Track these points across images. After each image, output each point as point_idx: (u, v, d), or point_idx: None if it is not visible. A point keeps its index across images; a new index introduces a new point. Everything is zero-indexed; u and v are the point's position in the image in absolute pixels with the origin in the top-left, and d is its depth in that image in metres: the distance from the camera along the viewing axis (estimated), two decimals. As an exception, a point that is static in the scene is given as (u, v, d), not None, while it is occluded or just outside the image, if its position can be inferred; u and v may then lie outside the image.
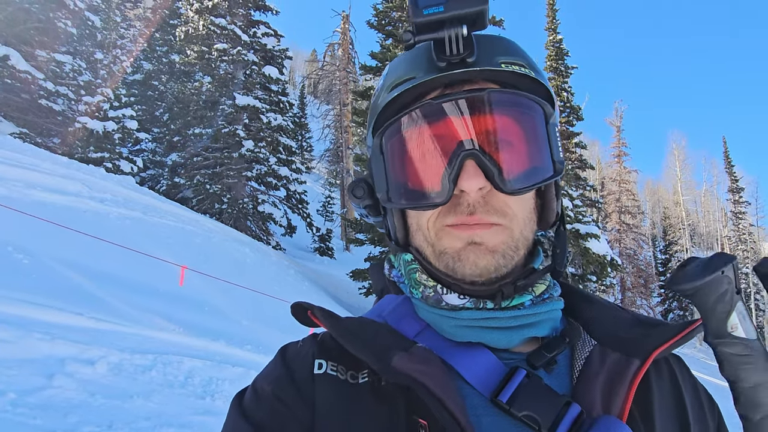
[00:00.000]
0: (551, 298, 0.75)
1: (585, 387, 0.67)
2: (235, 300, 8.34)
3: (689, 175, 45.11)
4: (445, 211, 0.71)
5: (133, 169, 18.29)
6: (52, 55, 17.41)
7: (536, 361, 0.69)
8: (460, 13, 0.66)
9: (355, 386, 0.68)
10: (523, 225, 0.72)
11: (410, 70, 0.72)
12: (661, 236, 47.66)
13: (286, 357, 0.74)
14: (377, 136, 0.76)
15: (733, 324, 0.57)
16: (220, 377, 5.04)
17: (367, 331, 0.71)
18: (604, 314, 0.77)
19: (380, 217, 0.84)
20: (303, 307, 0.75)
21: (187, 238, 10.71)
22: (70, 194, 9.30)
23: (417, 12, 0.67)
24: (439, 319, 0.73)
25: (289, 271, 14.04)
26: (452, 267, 0.71)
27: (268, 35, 20.93)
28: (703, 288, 0.57)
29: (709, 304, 0.57)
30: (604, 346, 0.71)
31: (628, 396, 0.64)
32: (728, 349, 0.57)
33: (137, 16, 29.59)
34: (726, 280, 0.57)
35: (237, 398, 0.72)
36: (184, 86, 21.13)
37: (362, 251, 17.15)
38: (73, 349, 4.45)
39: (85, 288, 6.02)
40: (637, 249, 34.60)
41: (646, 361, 0.66)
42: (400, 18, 16.00)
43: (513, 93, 0.71)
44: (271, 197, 20.66)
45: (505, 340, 0.70)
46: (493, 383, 0.66)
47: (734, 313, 0.57)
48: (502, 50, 0.72)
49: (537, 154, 0.72)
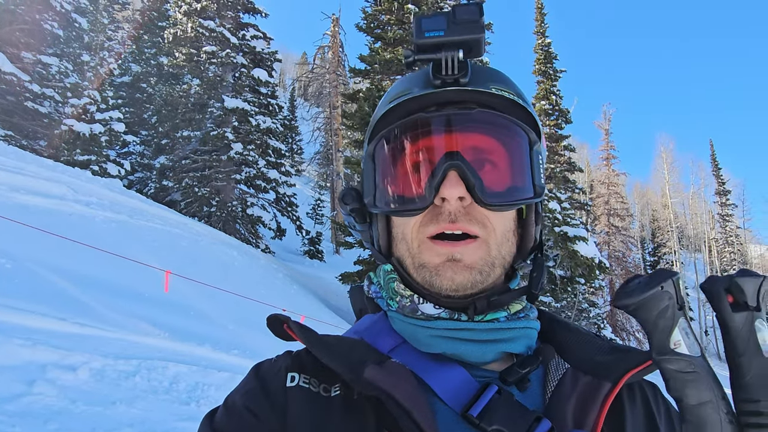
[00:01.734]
0: (527, 318, 0.77)
1: (557, 405, 0.69)
2: (221, 304, 8.27)
3: (677, 177, 45.57)
4: (427, 220, 0.74)
5: (121, 172, 18.15)
6: (39, 57, 17.26)
7: (509, 377, 0.69)
8: (457, 39, 0.72)
9: (328, 399, 0.69)
10: (501, 242, 0.75)
11: (408, 87, 0.77)
12: (650, 239, 48.07)
13: (259, 372, 0.75)
14: (371, 143, 0.82)
15: (676, 340, 0.57)
16: (205, 383, 4.99)
17: (342, 344, 0.72)
18: (579, 340, 0.79)
19: (366, 224, 0.86)
20: (279, 320, 0.76)
21: (174, 241, 10.63)
22: (55, 197, 9.20)
23: (420, 34, 0.73)
24: (414, 329, 0.75)
25: (277, 274, 13.98)
26: (429, 281, 0.74)
27: (258, 38, 20.89)
28: (643, 304, 0.57)
29: (651, 320, 0.58)
30: (577, 370, 0.73)
31: (600, 415, 0.66)
32: (672, 365, 0.56)
33: (125, 18, 29.43)
34: (666, 295, 0.57)
35: (208, 416, 0.72)
36: (173, 89, 21.03)
37: (352, 254, 17.12)
38: (55, 354, 4.38)
39: (68, 292, 5.95)
40: (625, 251, 34.86)
41: (618, 383, 0.68)
42: (389, 21, 16.02)
43: (500, 115, 0.75)
44: (261, 200, 20.59)
45: (479, 353, 0.72)
46: (464, 398, 0.68)
47: (677, 329, 0.57)
48: (493, 78, 0.77)
49: (518, 175, 0.77)
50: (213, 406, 3.06)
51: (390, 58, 15.01)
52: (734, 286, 0.56)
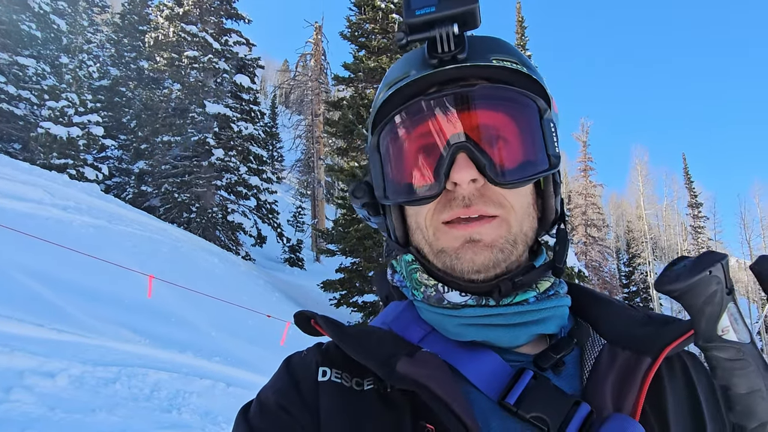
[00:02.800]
0: (557, 295, 0.74)
1: (595, 387, 0.66)
2: (203, 310, 8.16)
3: (651, 189, 46.41)
4: (441, 207, 0.71)
5: (98, 176, 17.85)
6: (15, 58, 16.93)
7: (543, 363, 0.68)
8: (450, 13, 0.67)
9: (360, 393, 0.68)
10: (521, 219, 0.72)
11: (405, 69, 0.73)
12: (625, 249, 48.81)
13: (289, 367, 0.74)
14: (375, 134, 0.78)
15: (725, 327, 0.54)
16: (187, 390, 4.91)
17: (371, 338, 0.71)
18: (613, 312, 0.76)
19: (380, 216, 0.84)
20: (306, 316, 0.74)
21: (154, 247, 10.46)
22: (32, 201, 8.99)
23: (409, 13, 0.68)
24: (442, 318, 0.73)
25: (258, 281, 13.85)
26: (450, 265, 0.71)
27: (240, 44, 20.83)
28: (690, 289, 0.55)
29: (698, 306, 0.55)
30: (614, 345, 0.70)
31: (640, 394, 0.64)
32: (720, 353, 0.54)
33: (105, 21, 29.08)
34: (715, 280, 0.54)
35: (242, 411, 0.71)
36: (153, 93, 20.78)
37: (333, 262, 17.02)
38: (33, 361, 4.28)
39: (46, 298, 5.81)
40: (602, 261, 35.39)
41: (657, 358, 0.65)
42: (373, 30, 16.10)
43: (504, 88, 0.71)
44: (241, 207, 20.41)
45: (510, 337, 0.69)
46: (500, 386, 0.66)
47: (725, 315, 0.54)
48: (493, 48, 0.73)
49: (530, 147, 0.72)
50: (194, 414, 3.03)
51: (374, 67, 15.06)
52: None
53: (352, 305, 14.50)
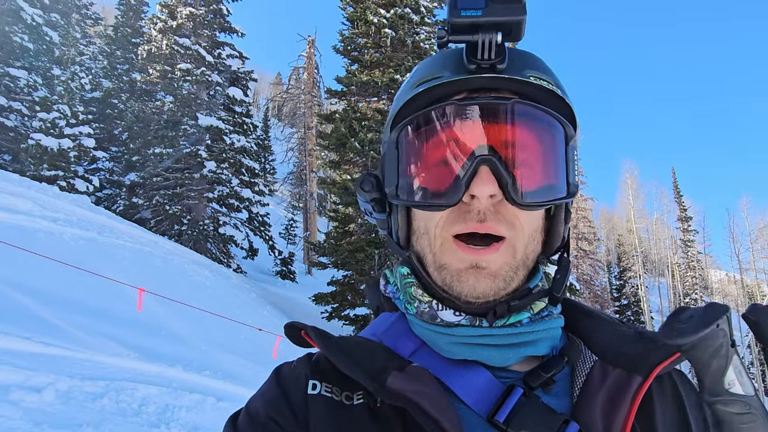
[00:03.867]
0: (550, 316, 0.74)
1: (585, 405, 0.66)
2: (193, 324, 8.08)
3: (642, 203, 46.76)
4: (454, 217, 0.69)
5: (89, 188, 17.73)
6: (6, 70, 16.87)
7: (533, 381, 0.67)
8: (497, 20, 0.66)
9: (350, 407, 0.67)
10: (527, 241, 0.71)
11: (438, 70, 0.71)
12: (616, 263, 49.02)
13: (279, 378, 0.73)
14: (395, 130, 0.75)
15: (730, 380, 0.54)
16: (176, 405, 4.85)
17: (361, 350, 0.70)
18: (605, 329, 0.75)
19: (384, 213, 0.82)
20: (297, 327, 0.73)
21: (145, 259, 10.38)
22: (21, 213, 8.91)
23: (455, 12, 0.66)
24: (434, 336, 0.72)
25: (250, 294, 13.76)
26: (449, 284, 0.70)
27: (233, 57, 20.89)
28: (699, 343, 0.54)
29: (705, 360, 0.54)
30: (605, 363, 0.70)
31: (630, 414, 0.63)
32: (727, 407, 0.53)
33: (98, 33, 29.10)
34: (722, 333, 0.54)
35: (231, 420, 0.70)
36: (145, 105, 20.78)
37: (325, 275, 16.97)
38: (19, 375, 4.21)
39: (33, 311, 5.74)
40: (593, 275, 35.55)
41: (648, 377, 0.65)
42: (365, 44, 16.21)
43: (539, 108, 0.69)
44: (233, 219, 20.34)
45: (501, 358, 0.69)
46: (489, 403, 0.66)
47: (731, 368, 0.54)
48: (532, 64, 0.71)
49: (553, 172, 0.71)
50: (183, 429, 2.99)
51: (366, 80, 15.15)
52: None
53: (343, 318, 14.44)
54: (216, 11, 20.90)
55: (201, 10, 20.29)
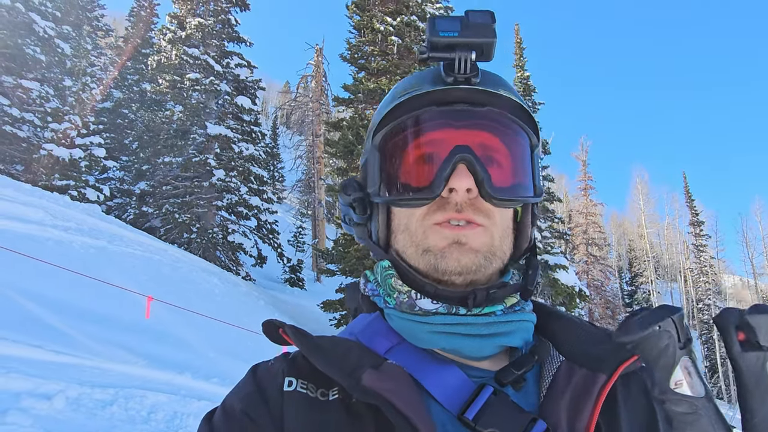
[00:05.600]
0: (522, 310, 0.77)
1: (551, 404, 0.68)
2: (202, 331, 8.12)
3: (652, 208, 46.47)
4: (433, 210, 0.75)
5: (100, 197, 17.91)
6: (19, 81, 17.11)
7: (504, 378, 0.69)
8: (471, 41, 0.74)
9: (325, 403, 0.69)
10: (502, 235, 0.77)
11: (418, 84, 0.79)
12: (627, 268, 48.73)
13: (256, 375, 0.75)
14: (378, 135, 0.82)
15: (678, 380, 0.56)
16: (184, 412, 4.87)
17: (337, 348, 0.72)
18: (574, 330, 0.79)
19: (365, 216, 0.86)
20: (274, 325, 0.76)
21: (154, 267, 10.46)
22: (33, 222, 9.02)
23: (434, 33, 0.75)
24: (412, 325, 0.75)
25: (258, 302, 13.79)
26: (434, 264, 0.74)
27: (242, 66, 21.04)
28: (641, 342, 0.57)
29: (652, 359, 0.56)
30: (571, 363, 0.72)
31: (594, 412, 0.65)
32: (674, 407, 0.55)
33: (109, 44, 29.47)
34: (666, 335, 0.56)
35: (207, 417, 0.72)
36: (155, 115, 20.99)
37: (333, 282, 16.98)
38: (29, 383, 4.25)
39: (44, 319, 5.80)
40: (604, 280, 35.20)
41: (612, 376, 0.67)
42: (372, 52, 16.28)
43: (509, 117, 0.79)
44: (242, 227, 20.42)
45: (477, 347, 0.72)
46: (460, 400, 0.68)
47: (678, 368, 0.56)
48: (501, 83, 0.80)
49: (522, 174, 0.80)
50: (191, 437, 2.94)
51: (374, 88, 15.20)
52: (745, 325, 0.54)
53: (352, 325, 14.39)
54: (224, 21, 21.10)
55: (210, 21, 20.50)
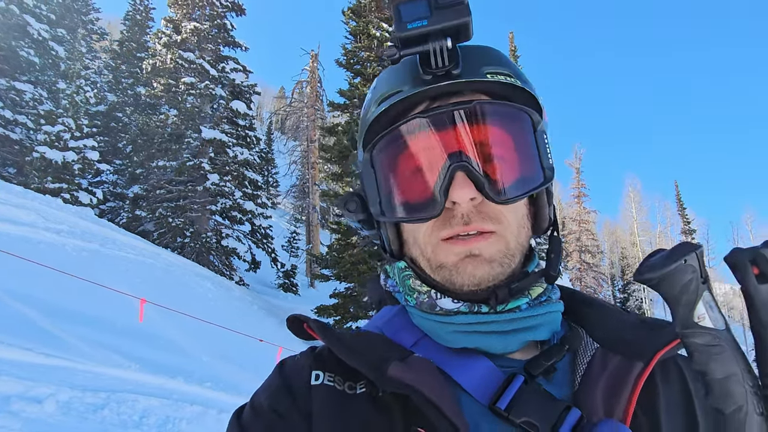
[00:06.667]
0: (549, 301, 0.74)
1: (586, 392, 0.66)
2: (194, 335, 8.06)
3: (645, 216, 46.80)
4: (440, 224, 0.70)
5: (93, 200, 17.81)
6: (12, 84, 17.05)
7: (534, 369, 0.67)
8: (443, 26, 0.66)
9: (353, 396, 0.68)
10: (516, 233, 0.73)
11: (397, 84, 0.72)
12: (620, 275, 48.89)
13: (283, 370, 0.74)
14: (367, 150, 0.76)
15: (700, 314, 0.56)
16: (177, 416, 4.82)
17: (363, 342, 0.71)
18: (606, 317, 0.76)
19: (374, 230, 0.83)
20: (299, 320, 0.74)
21: (147, 271, 10.39)
22: (24, 224, 8.95)
23: (401, 26, 0.66)
24: (434, 325, 0.72)
25: (252, 306, 13.73)
26: (449, 279, 0.71)
27: (237, 71, 21.07)
28: (665, 278, 0.56)
29: (674, 294, 0.56)
30: (606, 350, 0.70)
31: (631, 399, 0.64)
32: (696, 339, 0.55)
33: (103, 48, 29.44)
34: (690, 269, 0.56)
35: (236, 414, 0.71)
36: (149, 118, 20.93)
37: (327, 287, 16.94)
38: (19, 386, 4.20)
39: (36, 322, 5.74)
40: (597, 287, 35.41)
41: (649, 363, 0.66)
42: (368, 58, 16.36)
43: (499, 103, 0.71)
44: (236, 232, 20.36)
45: (502, 344, 0.69)
46: (491, 391, 0.66)
47: (700, 302, 0.56)
48: (486, 60, 0.72)
49: (526, 162, 0.73)
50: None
51: (369, 94, 15.29)
52: (760, 258, 0.55)
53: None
54: (220, 26, 21.14)
55: (205, 25, 20.53)
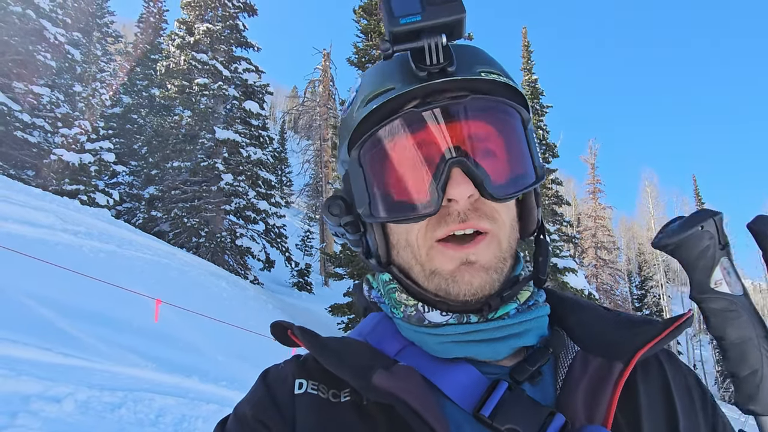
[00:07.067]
0: (536, 305, 0.73)
1: (568, 396, 0.65)
2: (210, 335, 8.13)
3: (662, 212, 46.07)
4: (435, 223, 0.68)
5: (109, 202, 18.06)
6: (30, 87, 17.32)
7: (519, 375, 0.66)
8: (438, 22, 0.64)
9: (337, 405, 0.67)
10: (509, 233, 0.71)
11: (387, 81, 0.70)
12: (637, 272, 48.30)
13: (266, 379, 0.72)
14: (355, 149, 0.73)
15: (717, 280, 0.56)
16: (192, 415, 4.86)
17: (347, 349, 0.70)
18: (588, 318, 0.75)
19: (358, 234, 0.79)
20: (283, 327, 0.73)
21: (163, 271, 10.50)
22: (43, 226, 9.09)
23: (393, 21, 0.64)
24: (423, 337, 0.71)
25: (266, 305, 13.81)
26: (445, 288, 0.68)
27: (250, 71, 21.17)
28: (682, 243, 0.56)
29: (691, 260, 0.57)
30: (587, 352, 0.69)
31: (612, 402, 0.62)
32: (713, 304, 0.56)
33: (118, 50, 29.78)
34: (707, 235, 0.56)
35: (219, 425, 0.70)
36: (164, 120, 21.13)
37: (341, 286, 17.00)
38: (39, 386, 4.26)
39: (54, 322, 5.82)
40: (613, 284, 35.01)
41: (628, 364, 0.65)
42: (379, 56, 16.31)
43: (496, 100, 0.70)
44: (250, 231, 20.49)
45: (492, 352, 0.68)
46: (475, 398, 0.65)
47: (717, 268, 0.57)
48: (478, 59, 0.71)
49: (520, 160, 0.72)
50: (199, 439, 2.92)
51: (381, 92, 15.27)
52: None
53: (360, 329, 14.39)
54: (232, 27, 21.27)
55: (218, 26, 20.66)
